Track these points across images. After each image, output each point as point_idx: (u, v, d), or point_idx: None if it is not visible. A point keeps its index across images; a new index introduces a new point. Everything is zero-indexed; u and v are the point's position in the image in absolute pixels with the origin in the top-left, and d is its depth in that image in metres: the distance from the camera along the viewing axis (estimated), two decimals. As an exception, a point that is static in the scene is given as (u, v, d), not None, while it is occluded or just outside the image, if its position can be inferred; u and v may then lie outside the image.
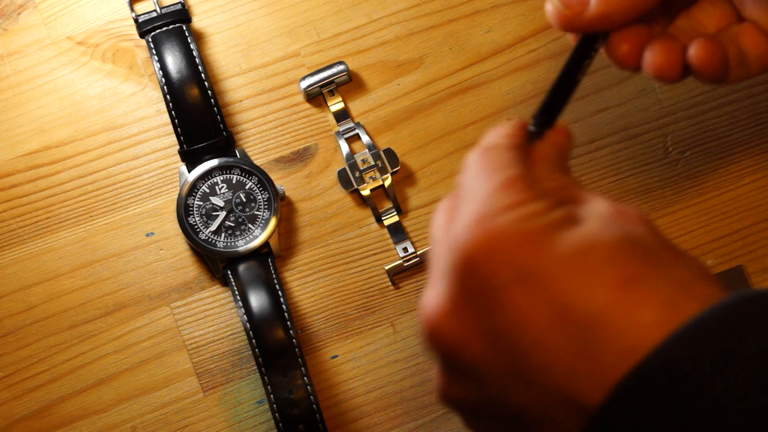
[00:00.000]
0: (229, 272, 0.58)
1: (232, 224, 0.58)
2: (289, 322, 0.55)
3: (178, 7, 0.61)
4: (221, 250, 0.58)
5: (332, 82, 0.62)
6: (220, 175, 0.59)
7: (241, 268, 0.58)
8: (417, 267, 0.60)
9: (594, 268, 0.34)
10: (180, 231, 0.58)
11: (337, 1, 0.63)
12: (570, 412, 0.34)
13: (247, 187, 0.59)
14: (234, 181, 0.59)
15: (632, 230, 0.36)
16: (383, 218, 0.60)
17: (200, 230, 0.58)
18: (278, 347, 0.55)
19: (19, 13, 0.63)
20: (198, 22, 0.63)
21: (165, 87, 0.59)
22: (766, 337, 0.32)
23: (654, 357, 0.32)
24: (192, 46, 0.60)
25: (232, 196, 0.59)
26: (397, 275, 0.59)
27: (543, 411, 0.35)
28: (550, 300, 0.34)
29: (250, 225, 0.58)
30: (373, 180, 0.60)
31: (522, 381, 0.35)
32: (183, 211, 0.58)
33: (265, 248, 0.59)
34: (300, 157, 0.61)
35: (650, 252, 0.35)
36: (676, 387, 0.31)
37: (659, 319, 0.33)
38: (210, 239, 0.58)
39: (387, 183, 0.60)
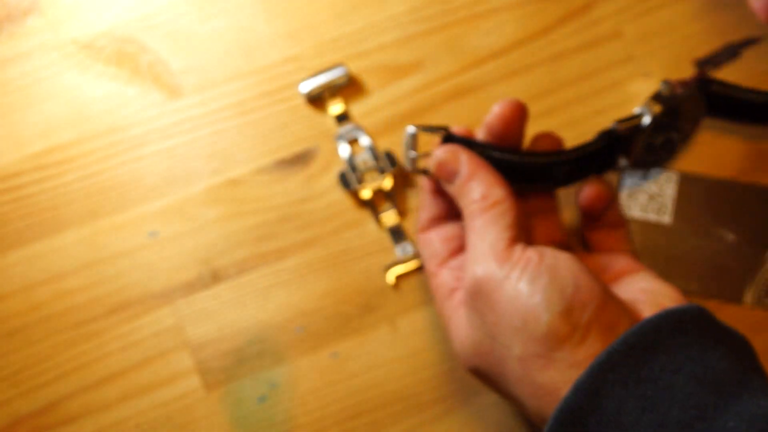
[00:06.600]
0: None
1: None
2: None
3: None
4: None
5: (333, 84, 0.62)
6: None
7: None
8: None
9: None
10: (184, 230, 0.58)
11: (338, 5, 0.64)
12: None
13: None
14: None
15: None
16: (383, 219, 0.61)
17: None
18: None
19: (25, 17, 0.63)
20: (200, 25, 0.63)
21: None
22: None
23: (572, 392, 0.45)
24: None
25: None
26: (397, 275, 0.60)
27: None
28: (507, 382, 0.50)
29: None
30: (374, 181, 0.61)
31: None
32: None
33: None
34: (301, 159, 0.62)
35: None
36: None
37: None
38: None
39: (387, 184, 0.61)
